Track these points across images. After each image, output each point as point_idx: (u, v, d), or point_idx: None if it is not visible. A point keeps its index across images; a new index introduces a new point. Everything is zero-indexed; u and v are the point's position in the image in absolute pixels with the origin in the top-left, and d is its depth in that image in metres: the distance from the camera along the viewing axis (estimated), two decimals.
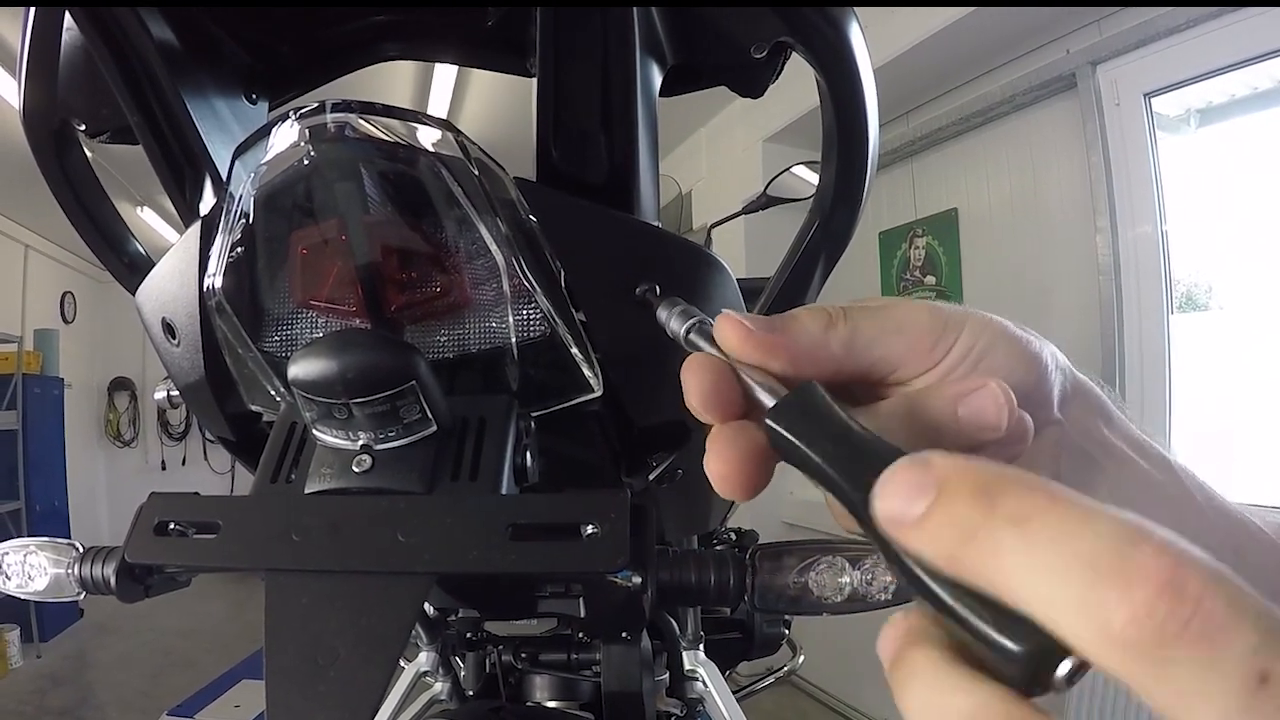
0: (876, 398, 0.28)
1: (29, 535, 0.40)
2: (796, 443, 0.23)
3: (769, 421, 0.24)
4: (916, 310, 0.28)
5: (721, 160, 3.62)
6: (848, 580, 0.30)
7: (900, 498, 0.18)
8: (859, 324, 0.27)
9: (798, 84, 0.43)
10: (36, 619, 4.05)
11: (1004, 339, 0.28)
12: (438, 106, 3.29)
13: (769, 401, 0.25)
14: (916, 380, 0.28)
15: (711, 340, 0.28)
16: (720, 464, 0.25)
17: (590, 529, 0.31)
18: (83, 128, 0.50)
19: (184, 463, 6.66)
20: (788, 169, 1.37)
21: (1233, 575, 0.15)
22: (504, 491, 0.34)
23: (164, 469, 6.62)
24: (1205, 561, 0.15)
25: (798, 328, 0.27)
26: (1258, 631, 0.14)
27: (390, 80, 3.10)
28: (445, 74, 3.06)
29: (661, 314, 0.32)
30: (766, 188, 1.41)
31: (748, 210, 1.50)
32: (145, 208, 4.45)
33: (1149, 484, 0.32)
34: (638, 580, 0.31)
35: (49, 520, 4.46)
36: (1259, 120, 1.93)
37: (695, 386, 0.27)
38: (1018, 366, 0.28)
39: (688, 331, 0.30)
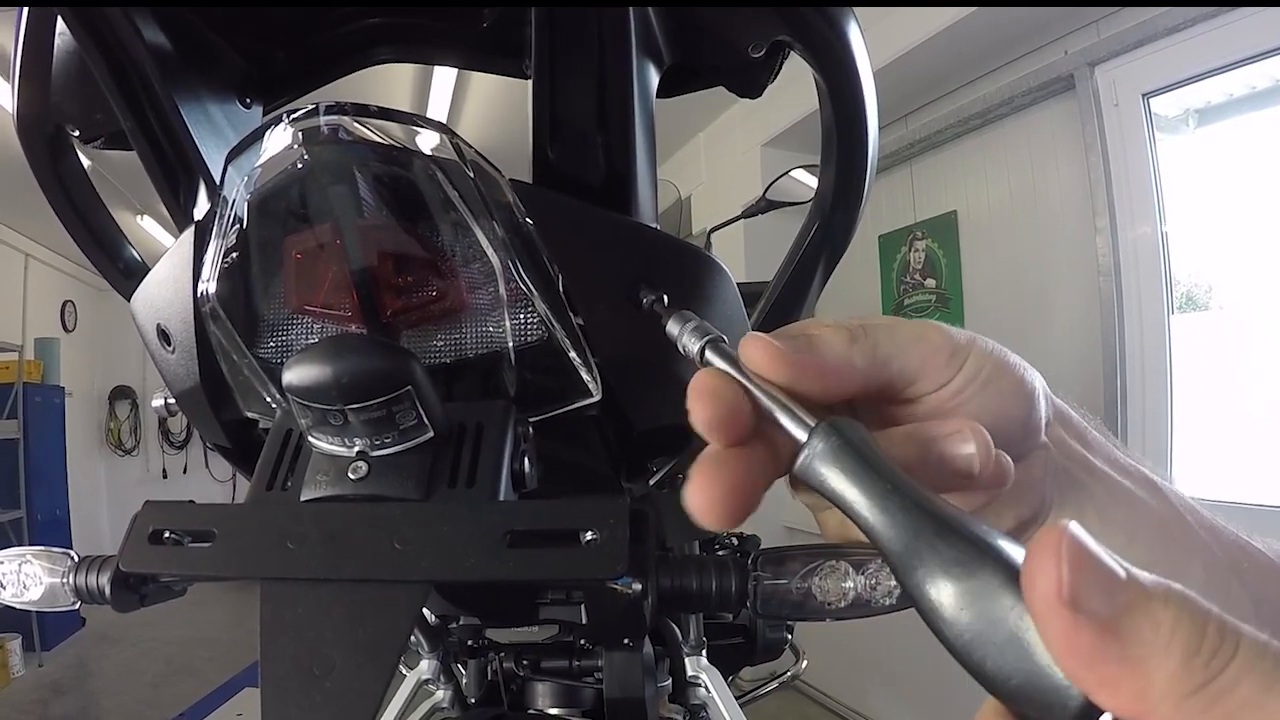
0: (885, 417, 0.28)
1: (30, 544, 0.39)
2: (830, 481, 0.23)
3: (802, 459, 0.24)
4: (929, 326, 0.28)
5: (721, 165, 3.62)
6: (851, 585, 0.30)
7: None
8: (878, 338, 0.27)
9: (796, 87, 0.42)
10: (38, 628, 4.05)
11: (1004, 368, 0.29)
12: (438, 109, 3.29)
13: (794, 429, 0.25)
14: (929, 397, 0.28)
15: (728, 358, 0.27)
16: (701, 498, 0.24)
17: (589, 535, 0.30)
18: (77, 133, 0.50)
19: (185, 470, 6.66)
20: (787, 173, 1.37)
21: None
22: (502, 498, 0.34)
23: (165, 477, 6.62)
24: None
25: (824, 347, 0.26)
26: None
27: (390, 83, 3.11)
28: (445, 76, 3.06)
29: (672, 328, 0.31)
30: (766, 191, 1.41)
31: (747, 214, 1.50)
32: (146, 216, 4.46)
33: (1137, 505, 0.32)
34: (638, 587, 0.30)
35: (50, 529, 4.46)
36: (1257, 119, 1.93)
37: (704, 411, 0.25)
38: (1013, 395, 0.29)
39: (703, 350, 0.29)
